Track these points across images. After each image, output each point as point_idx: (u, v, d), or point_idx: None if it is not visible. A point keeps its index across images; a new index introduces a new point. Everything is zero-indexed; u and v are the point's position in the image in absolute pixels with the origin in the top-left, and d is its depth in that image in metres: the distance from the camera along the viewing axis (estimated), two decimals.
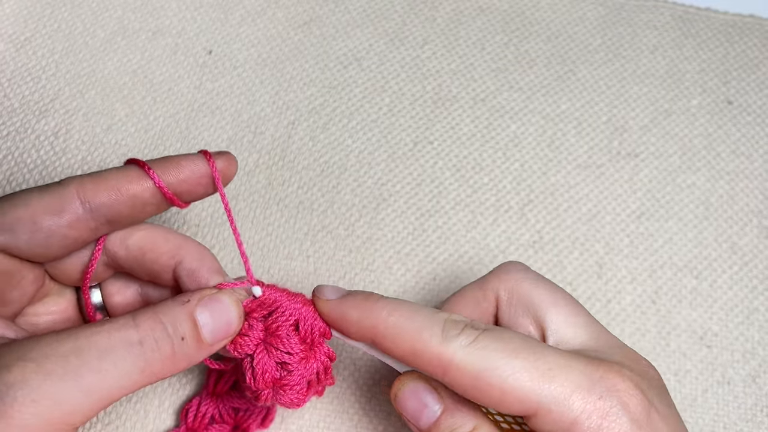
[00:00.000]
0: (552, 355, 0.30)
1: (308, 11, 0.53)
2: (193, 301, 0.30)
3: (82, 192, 0.31)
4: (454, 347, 0.29)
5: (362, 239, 0.46)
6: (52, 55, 0.50)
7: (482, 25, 0.54)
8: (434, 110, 0.50)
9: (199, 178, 0.33)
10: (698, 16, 0.55)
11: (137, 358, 0.28)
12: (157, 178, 0.32)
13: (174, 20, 0.52)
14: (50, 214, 0.31)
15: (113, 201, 0.32)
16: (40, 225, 0.31)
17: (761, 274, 0.46)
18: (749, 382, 0.43)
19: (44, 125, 0.48)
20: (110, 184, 0.31)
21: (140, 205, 0.32)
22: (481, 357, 0.29)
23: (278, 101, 0.50)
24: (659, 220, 0.48)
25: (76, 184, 0.31)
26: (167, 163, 0.32)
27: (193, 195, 0.33)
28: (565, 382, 0.29)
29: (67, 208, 0.31)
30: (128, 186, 0.32)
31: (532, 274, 0.34)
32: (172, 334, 0.29)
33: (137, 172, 0.32)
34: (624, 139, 0.50)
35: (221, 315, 0.31)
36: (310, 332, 0.32)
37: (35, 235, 0.31)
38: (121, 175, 0.32)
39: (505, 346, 0.30)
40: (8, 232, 0.31)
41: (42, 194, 0.31)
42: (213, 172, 0.33)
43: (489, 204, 0.47)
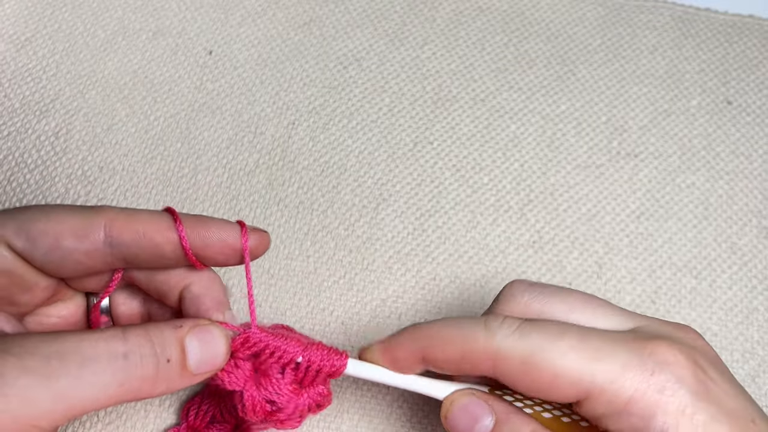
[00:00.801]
0: (597, 336, 0.29)
1: (308, 12, 0.53)
2: (185, 328, 0.30)
3: (110, 225, 0.31)
4: (499, 338, 0.30)
5: (362, 239, 0.46)
6: (53, 55, 0.50)
7: (482, 26, 0.54)
8: (434, 110, 0.50)
9: (224, 247, 0.32)
10: (698, 17, 0.55)
11: (118, 371, 0.28)
12: (183, 234, 0.31)
13: (174, 21, 0.52)
14: (73, 236, 0.31)
15: (134, 243, 0.32)
16: (59, 243, 0.31)
17: (760, 274, 0.46)
18: (749, 382, 0.43)
19: (45, 125, 0.48)
20: (137, 226, 0.32)
21: (159, 256, 0.32)
22: (527, 343, 0.29)
23: (278, 101, 0.50)
24: (659, 220, 0.48)
25: (109, 216, 0.31)
26: (199, 222, 0.32)
27: (214, 262, 0.33)
28: (615, 361, 0.29)
29: (90, 235, 0.31)
30: (153, 234, 0.32)
31: (538, 291, 0.33)
32: (159, 354, 0.29)
33: (168, 222, 0.32)
34: (624, 140, 0.50)
35: (209, 347, 0.31)
36: (311, 373, 0.32)
37: (52, 252, 0.31)
38: (152, 221, 0.32)
39: (549, 330, 0.30)
40: (30, 241, 0.31)
41: (74, 214, 0.31)
42: (244, 245, 0.32)
43: (489, 204, 0.48)
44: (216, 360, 0.31)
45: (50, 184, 0.46)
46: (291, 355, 0.32)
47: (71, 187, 0.46)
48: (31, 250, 0.31)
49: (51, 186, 0.46)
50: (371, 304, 0.44)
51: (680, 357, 0.29)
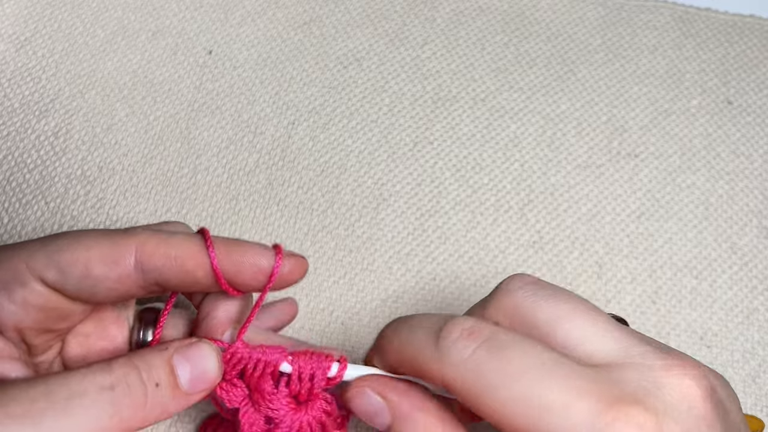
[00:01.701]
0: (557, 385, 0.25)
1: (308, 11, 0.53)
2: (170, 349, 0.30)
3: (140, 250, 0.30)
4: (448, 363, 0.27)
5: (362, 239, 0.46)
6: (52, 55, 0.50)
7: (482, 26, 0.54)
8: (434, 110, 0.50)
9: (257, 273, 0.31)
10: (698, 17, 0.55)
11: (107, 403, 0.27)
12: (215, 261, 0.31)
13: (174, 20, 0.52)
14: (103, 263, 0.30)
15: (166, 269, 0.31)
16: (90, 272, 0.30)
17: (761, 274, 0.46)
18: (749, 382, 0.43)
19: (44, 125, 0.48)
20: (169, 251, 0.31)
21: (192, 281, 0.31)
22: (475, 378, 0.26)
23: (278, 101, 0.50)
24: (659, 220, 0.48)
25: (140, 240, 0.31)
26: (233, 247, 0.31)
27: (247, 288, 0.32)
28: (566, 419, 0.25)
29: (121, 262, 0.30)
30: (185, 260, 0.31)
31: (532, 291, 0.29)
32: (146, 380, 0.28)
33: (200, 246, 0.31)
34: (624, 140, 0.50)
35: (199, 363, 0.30)
36: (305, 383, 0.31)
37: (84, 281, 0.30)
38: (183, 245, 0.31)
39: (503, 365, 0.26)
40: (61, 272, 0.30)
41: (103, 240, 0.31)
42: (275, 269, 0.31)
43: (489, 204, 0.48)
44: (208, 376, 0.30)
45: (50, 184, 0.46)
46: (274, 363, 0.30)
47: (71, 187, 0.46)
48: (63, 282, 0.30)
49: (50, 186, 0.46)
50: (371, 304, 0.44)
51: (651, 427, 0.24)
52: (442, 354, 0.27)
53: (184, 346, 0.30)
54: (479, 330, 0.27)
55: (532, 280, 0.30)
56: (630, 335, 0.27)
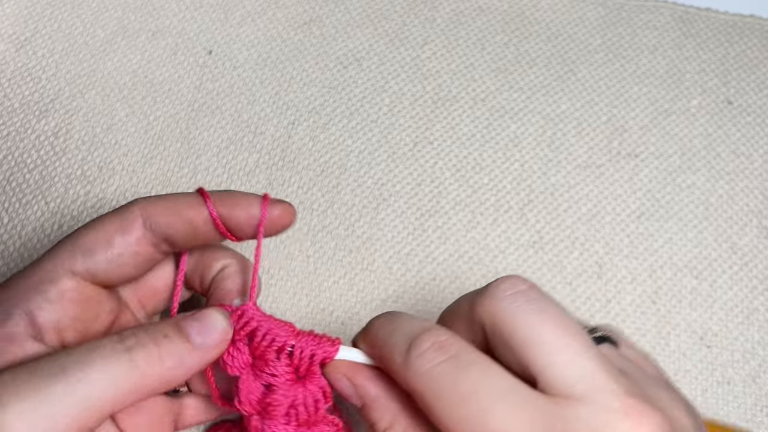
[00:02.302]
0: (503, 413, 0.25)
1: (308, 11, 0.53)
2: (181, 323, 0.31)
3: (145, 212, 0.33)
4: (412, 372, 0.28)
5: (362, 239, 0.46)
6: (52, 55, 0.50)
7: (482, 26, 0.54)
8: (434, 110, 0.50)
9: (249, 218, 0.34)
10: (698, 17, 0.55)
11: (121, 363, 0.28)
12: (211, 207, 0.33)
13: (174, 20, 0.52)
14: (120, 233, 0.33)
15: (171, 222, 0.33)
16: (112, 244, 0.32)
17: (761, 274, 0.46)
18: (749, 382, 0.43)
19: (44, 125, 0.48)
20: (170, 206, 0.33)
21: (193, 230, 0.33)
22: (432, 390, 0.27)
23: (278, 101, 0.50)
24: (659, 220, 0.48)
25: (141, 205, 0.33)
26: (226, 197, 0.34)
27: (244, 234, 0.34)
28: None
29: (132, 226, 0.33)
30: (186, 210, 0.33)
31: (516, 302, 0.28)
32: (155, 332, 0.30)
33: (198, 199, 0.33)
34: (624, 140, 0.50)
35: (207, 321, 0.31)
36: (305, 360, 0.32)
37: (110, 255, 0.32)
38: (182, 200, 0.33)
39: (460, 383, 0.26)
40: (88, 254, 0.32)
41: (112, 218, 0.33)
42: (262, 216, 0.34)
43: (489, 204, 0.48)
44: (216, 329, 0.31)
45: (50, 184, 0.46)
46: (284, 339, 0.32)
47: (71, 186, 0.46)
48: (93, 264, 0.32)
49: (50, 186, 0.46)
50: (371, 304, 0.44)
51: None
52: (410, 362, 0.28)
53: (189, 313, 0.32)
54: (449, 345, 0.28)
55: (523, 288, 0.29)
56: (600, 367, 0.26)
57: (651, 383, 0.28)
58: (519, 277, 0.29)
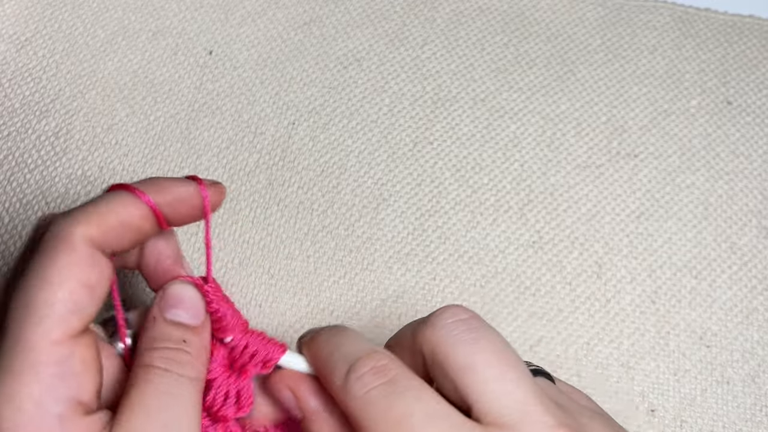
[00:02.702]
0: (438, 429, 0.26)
1: (308, 12, 0.53)
2: (157, 314, 0.30)
3: (90, 238, 0.28)
4: (349, 396, 0.28)
5: (362, 239, 0.46)
6: (53, 55, 0.50)
7: (482, 26, 0.54)
8: (434, 110, 0.50)
9: (191, 208, 0.31)
10: (697, 17, 0.55)
11: None
12: (149, 201, 0.29)
13: (174, 21, 0.52)
14: (90, 269, 0.27)
15: (118, 236, 0.29)
16: (92, 285, 0.27)
17: (760, 274, 0.46)
18: (748, 382, 0.43)
19: (45, 125, 0.48)
20: (105, 218, 0.28)
21: (139, 236, 0.30)
22: (365, 415, 0.27)
23: (278, 102, 0.50)
24: (658, 220, 0.48)
25: (81, 232, 0.28)
26: (150, 185, 0.30)
27: (182, 223, 0.31)
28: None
29: (93, 257, 0.28)
30: (132, 220, 0.29)
31: (456, 331, 0.29)
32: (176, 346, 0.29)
33: (126, 197, 0.29)
34: (623, 140, 0.50)
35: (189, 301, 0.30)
36: (245, 357, 0.31)
37: (94, 296, 0.28)
38: (112, 205, 0.29)
39: (391, 409, 0.27)
40: (75, 311, 0.27)
41: (55, 260, 0.27)
42: (204, 199, 0.31)
43: (489, 204, 0.48)
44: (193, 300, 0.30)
45: (50, 184, 0.46)
46: (233, 328, 0.31)
47: (71, 187, 0.46)
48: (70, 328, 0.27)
49: (51, 186, 0.46)
50: (371, 304, 0.44)
51: None
52: (348, 386, 0.28)
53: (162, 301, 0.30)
54: (386, 370, 0.28)
55: (463, 317, 0.29)
56: (534, 398, 0.27)
57: (585, 414, 0.28)
58: (461, 307, 0.30)
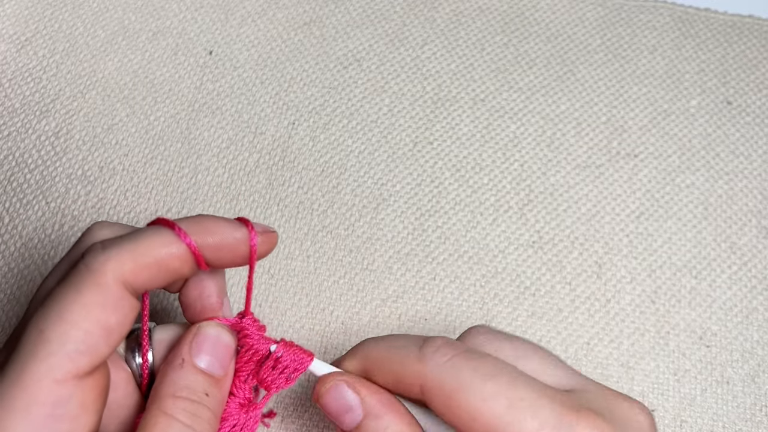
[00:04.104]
0: (527, 386, 0.28)
1: (308, 12, 0.53)
2: (186, 357, 0.30)
3: (122, 276, 0.27)
4: (431, 366, 0.29)
5: (362, 239, 0.46)
6: (53, 55, 0.50)
7: (482, 26, 0.54)
8: (434, 110, 0.50)
9: (236, 255, 0.30)
10: (697, 17, 0.55)
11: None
12: (189, 241, 0.29)
13: (175, 21, 0.52)
14: (111, 312, 0.27)
15: (151, 277, 0.28)
16: (109, 328, 0.27)
17: (760, 274, 0.46)
18: (748, 382, 0.43)
19: (45, 125, 0.48)
20: (141, 255, 0.28)
21: (170, 274, 0.29)
22: (454, 377, 0.28)
23: (278, 102, 0.50)
24: (658, 220, 0.48)
25: (113, 269, 0.27)
26: (194, 225, 0.29)
27: (221, 265, 0.31)
28: (534, 419, 0.27)
29: (120, 300, 0.27)
30: (169, 262, 0.28)
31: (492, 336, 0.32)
32: (197, 399, 0.29)
33: (174, 241, 0.29)
34: (623, 140, 0.50)
35: (220, 349, 0.30)
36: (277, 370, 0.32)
37: (110, 339, 0.27)
38: (150, 242, 0.28)
39: (481, 368, 0.28)
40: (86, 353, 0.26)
41: (81, 294, 0.27)
42: (252, 244, 0.30)
43: (489, 204, 0.48)
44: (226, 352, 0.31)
45: (50, 184, 0.46)
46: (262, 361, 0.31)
47: (71, 187, 0.46)
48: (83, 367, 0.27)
49: (51, 186, 0.46)
50: (371, 304, 0.44)
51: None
52: (425, 358, 0.29)
53: (194, 341, 0.30)
54: (457, 344, 0.30)
55: (490, 329, 0.33)
56: (578, 373, 0.31)
57: None
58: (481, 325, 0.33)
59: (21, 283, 0.43)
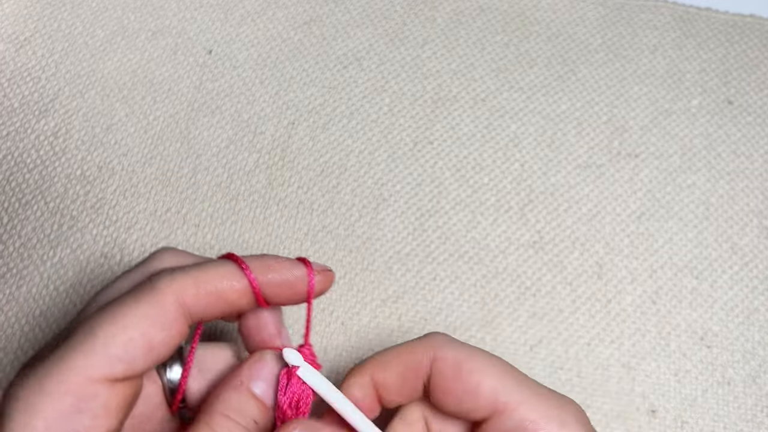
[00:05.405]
0: (516, 370, 0.31)
1: (308, 11, 0.53)
2: (245, 380, 0.30)
3: (182, 299, 0.29)
4: (438, 343, 0.31)
5: (362, 239, 0.46)
6: (52, 55, 0.50)
7: (482, 25, 0.54)
8: (434, 110, 0.50)
9: (293, 294, 0.31)
10: (698, 16, 0.55)
11: None
12: (258, 291, 0.30)
13: (174, 20, 0.52)
14: (159, 329, 0.28)
15: (210, 307, 0.29)
16: (152, 344, 0.28)
17: (761, 274, 0.46)
18: (749, 383, 0.43)
19: (44, 125, 0.48)
20: (202, 283, 0.29)
21: (228, 306, 0.30)
22: (462, 349, 0.31)
23: (278, 101, 0.50)
24: (659, 220, 0.48)
25: (175, 290, 0.28)
26: (267, 270, 0.30)
27: (281, 303, 0.32)
28: (530, 389, 0.30)
29: (171, 320, 0.28)
30: (228, 294, 0.30)
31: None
32: (245, 424, 0.29)
33: (236, 274, 0.30)
34: (624, 140, 0.50)
35: (273, 376, 0.31)
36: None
37: (150, 355, 0.28)
38: (213, 273, 0.29)
39: (481, 351, 0.32)
40: (128, 363, 0.27)
41: (143, 307, 0.28)
42: (310, 282, 0.31)
43: (489, 204, 0.47)
44: None
45: (49, 184, 0.46)
46: None
47: (70, 186, 0.46)
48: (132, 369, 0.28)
49: (50, 186, 0.46)
50: (371, 304, 0.44)
51: (585, 419, 0.30)
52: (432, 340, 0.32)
53: (253, 368, 0.30)
54: None
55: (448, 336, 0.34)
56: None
57: None
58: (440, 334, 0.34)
59: (20, 283, 0.43)
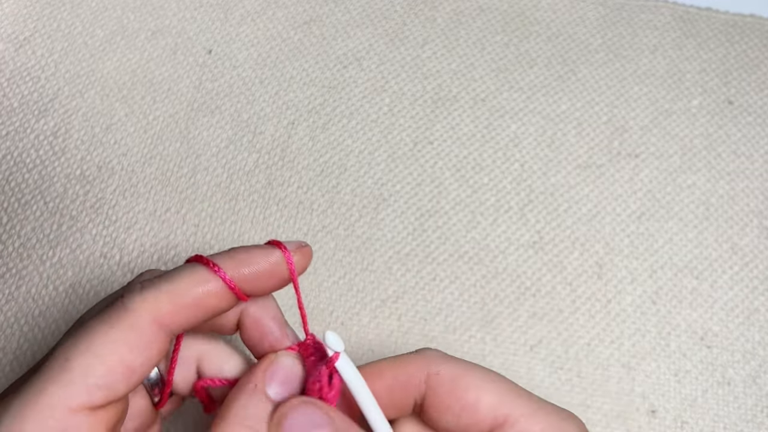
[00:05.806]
0: (514, 384, 0.31)
1: (308, 11, 0.53)
2: (259, 384, 0.29)
3: (159, 318, 0.28)
4: (434, 356, 0.30)
5: (362, 239, 0.46)
6: (52, 54, 0.50)
7: (482, 25, 0.53)
8: (434, 110, 0.50)
9: (273, 280, 0.30)
10: (699, 16, 0.55)
11: None
12: (226, 277, 0.28)
13: (174, 20, 0.52)
14: (138, 354, 0.27)
15: (191, 319, 0.28)
16: (133, 368, 0.27)
17: (762, 275, 0.46)
18: (749, 383, 0.43)
19: (43, 125, 0.47)
20: (178, 296, 0.28)
21: (206, 312, 0.29)
22: (458, 364, 0.30)
23: (278, 101, 0.50)
24: (659, 220, 0.48)
25: (150, 310, 0.27)
26: (228, 259, 0.29)
27: (263, 292, 0.31)
28: (531, 403, 0.29)
29: (151, 341, 0.27)
30: (206, 300, 0.28)
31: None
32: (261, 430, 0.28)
33: (210, 278, 0.28)
34: (624, 140, 0.50)
35: (292, 379, 0.30)
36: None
37: (131, 378, 0.27)
38: (187, 282, 0.28)
39: (477, 366, 0.31)
40: (103, 388, 0.26)
41: (114, 330, 0.27)
42: (290, 265, 0.30)
43: (489, 204, 0.47)
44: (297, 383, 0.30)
45: (49, 184, 0.46)
46: None
47: (70, 186, 0.46)
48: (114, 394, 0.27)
49: (50, 186, 0.46)
50: (371, 304, 0.44)
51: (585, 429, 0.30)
52: (427, 354, 0.31)
53: (268, 370, 0.30)
54: None
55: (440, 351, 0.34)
56: None
57: None
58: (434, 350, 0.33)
59: (19, 283, 0.43)
